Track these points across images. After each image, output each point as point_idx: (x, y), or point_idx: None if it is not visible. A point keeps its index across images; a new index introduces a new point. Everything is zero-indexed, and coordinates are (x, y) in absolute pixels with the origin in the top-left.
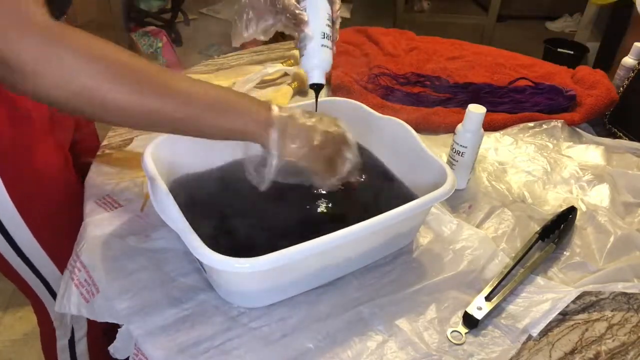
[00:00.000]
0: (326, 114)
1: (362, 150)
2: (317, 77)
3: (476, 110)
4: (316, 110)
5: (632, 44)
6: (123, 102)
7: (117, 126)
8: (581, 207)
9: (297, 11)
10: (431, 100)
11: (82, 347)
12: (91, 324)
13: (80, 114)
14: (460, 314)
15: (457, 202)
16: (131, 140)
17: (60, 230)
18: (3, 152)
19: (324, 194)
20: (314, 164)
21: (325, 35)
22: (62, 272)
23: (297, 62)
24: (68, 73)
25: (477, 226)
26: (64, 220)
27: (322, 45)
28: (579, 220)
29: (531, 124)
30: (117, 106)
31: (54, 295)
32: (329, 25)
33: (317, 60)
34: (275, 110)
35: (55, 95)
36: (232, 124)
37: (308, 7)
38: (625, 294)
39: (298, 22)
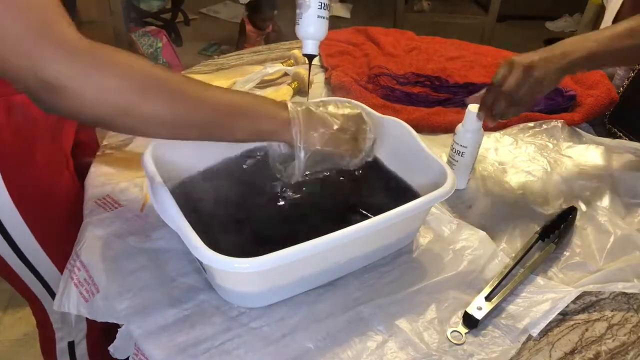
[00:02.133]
0: (337, 99)
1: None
2: (312, 48)
3: (476, 110)
4: (308, 83)
5: None
6: (159, 115)
7: (152, 137)
8: (581, 207)
9: None
10: (431, 100)
11: (82, 350)
12: (91, 326)
13: (114, 129)
14: (460, 314)
15: (457, 202)
16: (131, 140)
17: (60, 230)
18: (5, 152)
19: (324, 194)
20: (339, 147)
21: (323, 6)
22: (61, 272)
23: (297, 62)
24: (105, 90)
25: (477, 226)
26: (64, 221)
27: (319, 16)
28: (579, 220)
29: (531, 124)
30: (154, 120)
31: (53, 296)
32: None
33: (312, 29)
34: (291, 107)
35: (92, 113)
36: (259, 127)
37: None
38: (625, 294)
39: None
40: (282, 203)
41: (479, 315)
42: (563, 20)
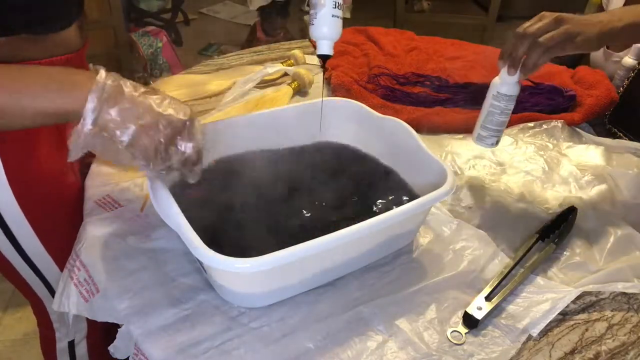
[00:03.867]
0: (175, 99)
1: (363, 151)
2: (326, 48)
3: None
4: (323, 86)
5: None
6: None
7: None
8: (581, 207)
9: None
10: (431, 100)
11: (82, 350)
12: (91, 326)
13: None
14: (460, 314)
15: (457, 203)
16: None
17: (62, 229)
18: (9, 149)
19: (324, 194)
20: (137, 145)
21: (337, 5)
22: (62, 270)
23: (297, 62)
24: None
25: (477, 226)
26: (66, 220)
27: (333, 16)
28: (579, 220)
29: (531, 124)
30: None
31: (53, 294)
32: None
33: (326, 29)
34: (101, 75)
35: None
36: (45, 105)
37: None
38: (625, 294)
39: None
40: (282, 203)
41: (479, 315)
42: None
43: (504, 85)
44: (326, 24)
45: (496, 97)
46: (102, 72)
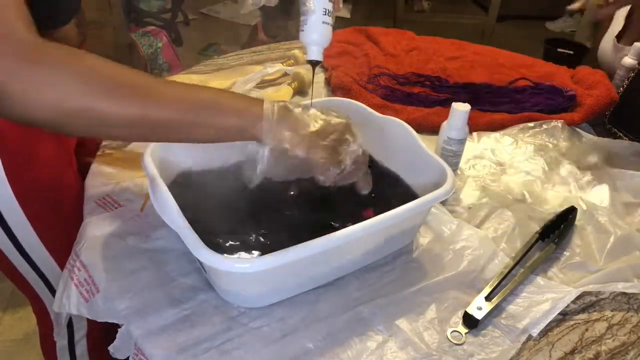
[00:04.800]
0: (330, 109)
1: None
2: (316, 54)
3: (462, 109)
4: (312, 90)
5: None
6: (119, 115)
7: (114, 140)
8: (581, 207)
9: None
10: (431, 100)
11: (82, 348)
12: (91, 324)
13: (71, 133)
14: (460, 314)
15: (457, 203)
16: None
17: (63, 229)
18: (9, 149)
19: (324, 194)
20: (313, 152)
21: (327, 12)
22: (62, 269)
23: (297, 62)
24: (59, 93)
25: (477, 226)
26: (67, 220)
27: (323, 22)
28: (579, 220)
29: (531, 124)
30: (113, 120)
31: (54, 293)
32: (331, 1)
33: (316, 35)
34: (267, 102)
35: (45, 116)
36: (227, 123)
37: None
38: (625, 294)
39: None
40: (282, 203)
41: (479, 315)
42: (563, 20)
43: (453, 130)
44: (316, 30)
45: (447, 142)
46: (267, 100)
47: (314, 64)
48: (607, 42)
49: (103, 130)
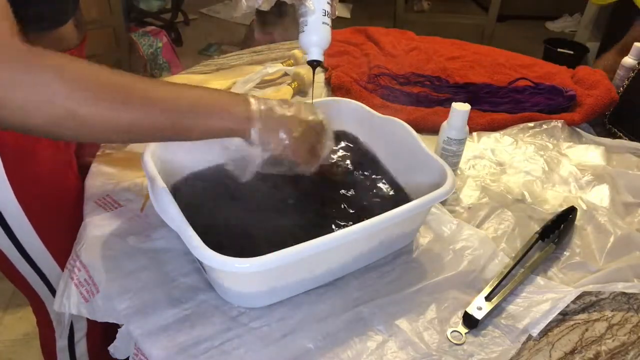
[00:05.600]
0: (303, 102)
1: (363, 151)
2: (317, 54)
3: (462, 109)
4: (312, 91)
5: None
6: (104, 118)
7: (101, 143)
8: (581, 207)
9: None
10: (431, 100)
11: (81, 348)
12: (91, 324)
13: (59, 138)
14: (460, 314)
15: (456, 203)
16: None
17: (63, 229)
18: (9, 149)
19: (324, 194)
20: (297, 155)
21: (326, 13)
22: (63, 269)
23: (297, 62)
24: (44, 98)
25: (477, 226)
26: (67, 220)
27: (323, 23)
28: (579, 220)
29: (531, 124)
30: (100, 124)
31: (54, 293)
32: (329, 3)
33: (316, 37)
34: (253, 104)
35: (32, 122)
36: (214, 125)
37: None
38: (625, 294)
39: None
40: (282, 203)
41: (479, 315)
42: (563, 20)
43: (453, 130)
44: (316, 32)
45: (447, 142)
46: (252, 100)
47: (314, 65)
48: None
49: (89, 135)
